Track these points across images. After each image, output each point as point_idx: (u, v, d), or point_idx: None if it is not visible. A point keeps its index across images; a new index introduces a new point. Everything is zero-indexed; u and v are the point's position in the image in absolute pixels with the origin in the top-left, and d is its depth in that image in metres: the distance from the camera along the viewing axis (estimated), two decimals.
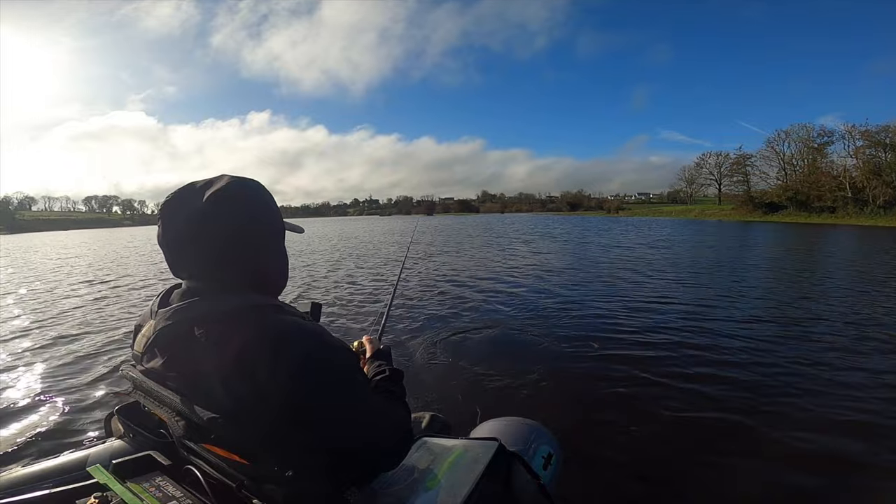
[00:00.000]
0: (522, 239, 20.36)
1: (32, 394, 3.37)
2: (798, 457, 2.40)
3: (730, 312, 5.58)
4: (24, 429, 2.81)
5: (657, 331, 4.77)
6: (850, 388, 3.22)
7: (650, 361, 3.83)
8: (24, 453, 2.52)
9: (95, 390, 3.41)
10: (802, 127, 49.18)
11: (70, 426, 2.85)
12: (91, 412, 3.04)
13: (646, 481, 2.24)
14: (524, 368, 3.68)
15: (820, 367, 3.65)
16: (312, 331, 0.82)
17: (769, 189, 49.29)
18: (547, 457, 1.34)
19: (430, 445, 1.21)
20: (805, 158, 48.23)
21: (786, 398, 3.09)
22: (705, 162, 66.55)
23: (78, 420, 2.93)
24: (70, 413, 3.03)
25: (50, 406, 3.14)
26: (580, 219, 52.36)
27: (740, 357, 3.92)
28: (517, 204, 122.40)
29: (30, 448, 2.58)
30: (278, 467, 0.78)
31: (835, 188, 39.82)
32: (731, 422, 2.80)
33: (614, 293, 6.94)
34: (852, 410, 2.89)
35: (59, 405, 3.15)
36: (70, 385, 3.52)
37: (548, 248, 15.51)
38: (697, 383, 3.36)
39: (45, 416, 2.98)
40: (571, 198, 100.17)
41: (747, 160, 57.03)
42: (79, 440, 2.64)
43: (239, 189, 0.86)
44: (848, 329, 4.76)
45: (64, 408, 3.10)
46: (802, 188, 42.45)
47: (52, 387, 3.49)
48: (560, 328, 4.97)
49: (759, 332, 4.70)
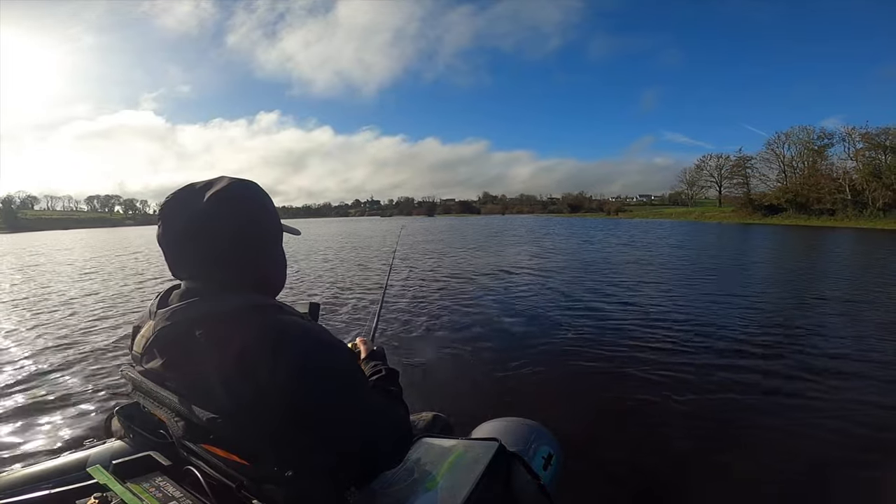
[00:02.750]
0: (510, 240, 20.37)
1: (32, 394, 3.36)
2: (799, 457, 2.39)
3: (731, 313, 5.59)
4: (25, 429, 2.81)
5: (657, 331, 4.77)
6: (854, 390, 3.22)
7: (650, 362, 3.83)
8: (24, 453, 2.51)
9: (95, 391, 3.40)
10: (802, 129, 49.13)
11: (70, 426, 2.85)
12: (91, 413, 3.04)
13: (646, 481, 2.24)
14: (524, 368, 3.68)
15: (821, 367, 3.65)
16: (313, 330, 0.82)
17: (769, 191, 49.25)
18: (547, 457, 1.34)
19: (430, 446, 1.21)
20: (805, 161, 48.14)
21: (787, 399, 3.10)
22: (706, 164, 66.46)
23: (78, 420, 2.93)
24: (70, 413, 3.03)
25: (50, 406, 3.13)
26: (579, 220, 52.39)
27: (741, 357, 3.92)
28: (518, 205, 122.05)
29: (30, 448, 2.58)
30: (278, 468, 0.78)
31: (834, 190, 39.66)
32: (732, 422, 2.81)
33: (614, 294, 6.94)
34: (853, 413, 2.89)
35: (59, 406, 3.14)
36: (70, 385, 3.52)
37: (538, 250, 15.53)
38: (698, 383, 3.37)
39: (45, 417, 2.98)
40: (572, 199, 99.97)
41: (747, 162, 57.03)
42: (79, 440, 2.61)
43: (239, 190, 0.86)
44: (849, 330, 4.77)
45: (64, 408, 3.10)
46: (802, 190, 42.29)
47: (52, 387, 3.49)
48: (560, 328, 4.98)
49: (760, 332, 4.71)
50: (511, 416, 1.54)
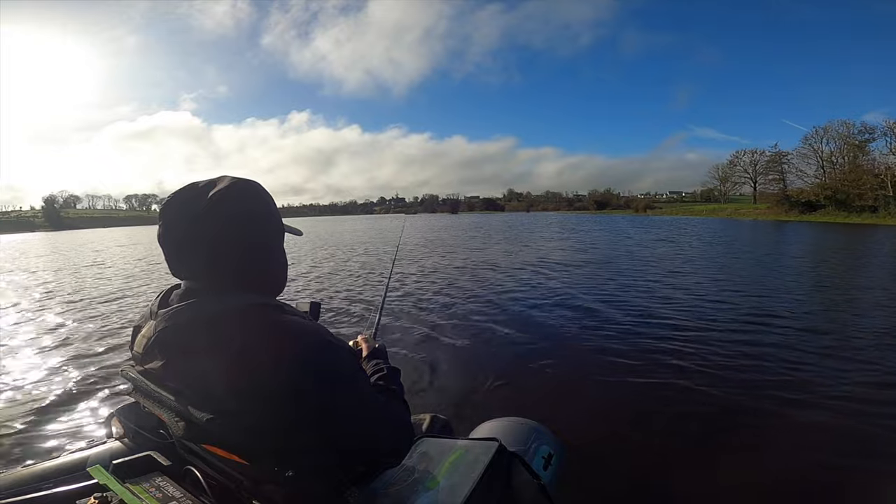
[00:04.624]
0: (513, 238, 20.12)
1: (32, 394, 3.38)
2: (800, 458, 2.38)
3: (732, 313, 5.52)
4: (25, 429, 2.82)
5: (658, 331, 4.73)
6: (867, 392, 3.15)
7: (651, 361, 3.81)
8: (24, 454, 2.52)
9: (95, 391, 3.40)
10: (842, 123, 46.46)
11: (70, 427, 2.86)
12: (91, 413, 3.04)
13: (647, 481, 2.24)
14: (524, 368, 3.68)
15: (823, 369, 3.62)
16: (314, 330, 0.83)
17: (806, 188, 47.21)
18: (547, 457, 1.34)
19: (431, 446, 1.21)
20: (845, 156, 45.71)
21: (788, 400, 3.06)
22: (739, 159, 64.44)
23: (78, 421, 2.94)
24: (70, 414, 3.03)
25: (50, 407, 3.14)
26: (606, 218, 51.41)
27: (743, 358, 3.88)
28: (543, 203, 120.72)
29: (30, 448, 2.58)
30: (278, 468, 0.78)
31: (876, 187, 37.58)
32: (733, 422, 2.79)
33: (614, 294, 6.89)
34: (864, 415, 2.83)
35: (60, 406, 3.15)
36: (70, 386, 3.52)
37: (546, 246, 15.28)
38: (700, 384, 3.34)
39: (46, 417, 2.98)
40: (599, 196, 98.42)
41: (783, 158, 55.01)
42: (79, 441, 2.64)
43: (241, 190, 0.86)
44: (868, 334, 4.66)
45: (64, 408, 3.11)
46: (842, 186, 39.94)
47: (52, 387, 3.50)
48: (560, 328, 4.97)
49: (760, 332, 4.66)
50: (511, 416, 1.56)
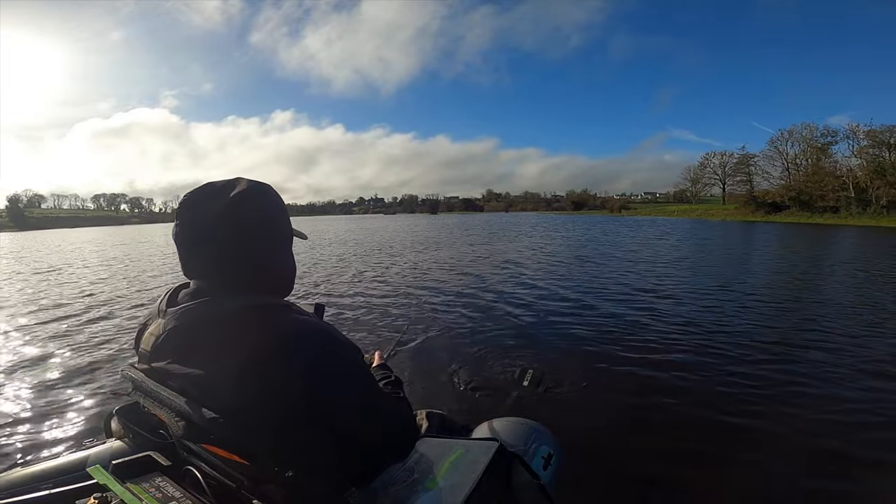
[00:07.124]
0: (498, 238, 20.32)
1: (32, 394, 3.37)
2: (800, 458, 2.39)
3: (732, 312, 5.56)
4: (24, 429, 2.82)
5: (658, 331, 4.75)
6: (858, 391, 3.21)
7: (651, 361, 3.82)
8: (24, 454, 2.52)
9: (95, 391, 3.40)
10: (806, 126, 48.96)
11: (70, 427, 2.85)
12: (91, 413, 3.04)
13: (647, 481, 2.23)
14: (524, 368, 3.67)
15: (824, 369, 3.64)
16: (324, 329, 0.84)
17: (772, 189, 49.04)
18: (547, 457, 1.33)
19: (430, 445, 1.19)
20: (809, 158, 47.95)
21: (788, 400, 3.08)
22: (709, 161, 66.63)
23: (78, 421, 2.94)
24: (70, 414, 3.03)
25: (50, 407, 3.13)
26: (580, 218, 52.24)
27: (744, 358, 3.90)
28: (522, 203, 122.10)
29: (30, 448, 2.58)
30: (279, 468, 0.78)
31: (838, 188, 39.48)
32: (733, 422, 2.79)
33: (613, 294, 6.93)
34: (855, 412, 2.88)
35: (59, 406, 3.15)
36: (70, 386, 3.52)
37: (546, 246, 15.47)
38: (700, 383, 3.36)
39: (45, 417, 2.98)
40: (576, 197, 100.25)
41: (750, 160, 56.97)
42: (78, 441, 2.65)
43: (257, 192, 0.88)
44: (854, 330, 4.76)
45: (64, 408, 3.10)
46: (805, 188, 42.08)
47: (52, 387, 3.49)
48: (560, 328, 4.97)
49: (761, 332, 4.69)
50: (511, 416, 1.54)
